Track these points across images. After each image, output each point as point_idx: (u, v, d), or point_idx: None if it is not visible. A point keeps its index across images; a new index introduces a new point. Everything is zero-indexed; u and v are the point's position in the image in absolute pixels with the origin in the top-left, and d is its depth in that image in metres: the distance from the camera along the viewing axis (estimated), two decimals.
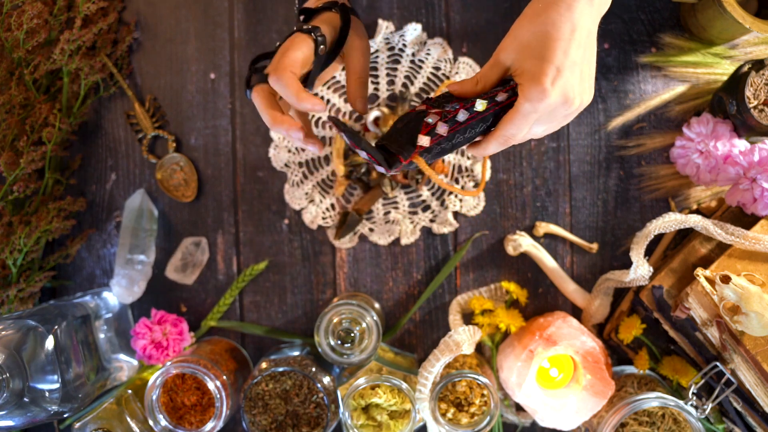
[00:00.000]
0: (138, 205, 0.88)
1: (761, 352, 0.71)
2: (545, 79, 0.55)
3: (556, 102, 0.56)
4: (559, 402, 0.80)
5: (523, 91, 0.57)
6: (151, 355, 0.84)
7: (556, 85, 0.56)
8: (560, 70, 0.56)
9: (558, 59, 0.56)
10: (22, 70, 0.84)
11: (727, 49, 0.84)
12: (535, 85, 0.56)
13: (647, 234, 0.79)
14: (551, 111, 0.58)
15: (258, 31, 0.89)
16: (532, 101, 0.56)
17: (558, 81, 0.56)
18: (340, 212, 0.89)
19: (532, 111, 0.57)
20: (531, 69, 0.56)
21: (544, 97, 0.56)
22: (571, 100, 0.57)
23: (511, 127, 0.59)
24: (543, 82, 0.55)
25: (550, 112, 0.58)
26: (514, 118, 0.58)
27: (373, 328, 0.79)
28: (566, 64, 0.56)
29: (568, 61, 0.56)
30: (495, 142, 0.61)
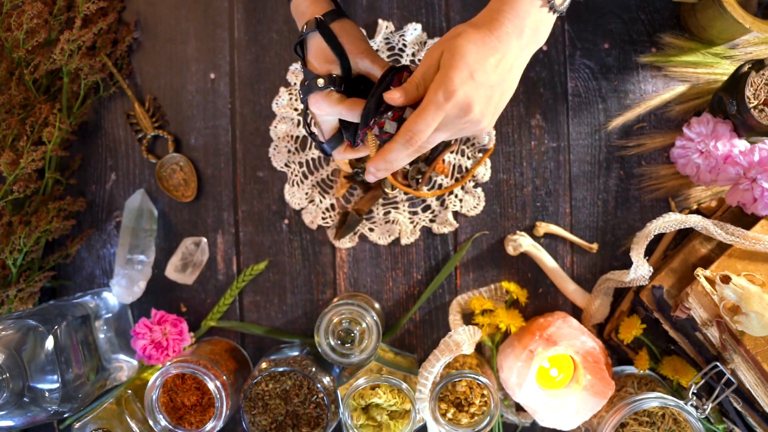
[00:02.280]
0: (138, 205, 0.88)
1: (761, 352, 0.71)
2: (456, 76, 0.57)
3: (460, 102, 0.58)
4: (559, 402, 0.80)
5: (434, 84, 0.58)
6: (151, 355, 0.84)
7: (464, 87, 0.57)
8: (472, 77, 0.57)
9: (473, 66, 0.57)
10: (22, 70, 0.84)
11: (727, 49, 0.84)
12: (445, 79, 0.57)
13: (647, 234, 0.79)
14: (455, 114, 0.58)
15: (258, 31, 0.89)
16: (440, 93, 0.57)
17: (466, 84, 0.57)
18: (340, 212, 0.89)
19: (438, 105, 0.58)
20: (447, 66, 0.58)
21: (451, 92, 0.57)
22: (472, 109, 0.58)
23: (419, 121, 0.59)
24: (453, 78, 0.57)
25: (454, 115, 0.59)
26: (423, 110, 0.59)
27: (373, 328, 0.79)
28: (479, 76, 0.58)
29: (482, 74, 0.58)
30: (400, 140, 0.61)
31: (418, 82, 0.61)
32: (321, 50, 0.69)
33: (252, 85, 0.89)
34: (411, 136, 0.60)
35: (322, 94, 0.67)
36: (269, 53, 0.89)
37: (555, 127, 0.87)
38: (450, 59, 0.58)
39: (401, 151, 0.61)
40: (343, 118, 0.68)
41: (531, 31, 0.59)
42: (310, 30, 0.68)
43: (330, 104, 0.67)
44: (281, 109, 0.89)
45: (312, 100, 0.68)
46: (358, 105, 0.66)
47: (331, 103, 0.67)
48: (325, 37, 0.68)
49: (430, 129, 0.59)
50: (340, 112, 0.67)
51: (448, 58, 0.58)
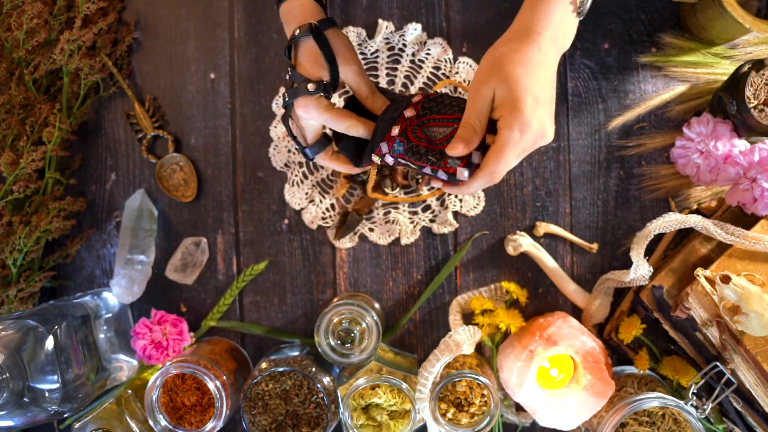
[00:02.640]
0: (138, 205, 0.88)
1: (761, 352, 0.71)
2: (525, 107, 0.57)
3: (536, 130, 0.58)
4: (559, 402, 0.80)
5: (506, 122, 0.58)
6: (151, 355, 0.84)
7: (535, 114, 0.58)
8: (537, 101, 0.58)
9: (534, 90, 0.58)
10: (22, 70, 0.84)
11: (727, 49, 0.84)
12: (517, 114, 0.57)
13: (647, 234, 0.79)
14: (533, 141, 0.59)
15: (258, 31, 0.89)
16: (516, 130, 0.58)
17: (536, 111, 0.58)
18: (340, 212, 0.89)
19: (518, 140, 0.58)
20: (510, 100, 0.58)
21: (527, 125, 0.57)
22: (546, 130, 0.59)
23: (500, 161, 0.59)
24: (524, 111, 0.57)
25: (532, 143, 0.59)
26: (502, 151, 0.59)
27: (373, 328, 0.79)
28: (542, 97, 0.58)
29: (543, 94, 0.58)
30: (482, 180, 0.61)
31: (474, 125, 0.60)
32: (313, 55, 0.69)
33: (252, 85, 0.89)
34: (493, 176, 0.60)
35: (312, 99, 0.67)
36: (269, 53, 0.89)
37: (555, 127, 0.87)
38: (509, 91, 0.58)
39: (481, 187, 0.62)
40: (330, 126, 0.69)
41: (564, 36, 0.60)
42: (304, 34, 0.68)
43: (318, 110, 0.67)
44: (281, 109, 0.89)
45: (301, 103, 0.67)
46: (346, 116, 0.67)
47: (319, 109, 0.67)
48: (319, 42, 0.68)
49: (510, 166, 0.60)
50: (326, 120, 0.68)
51: (506, 90, 0.58)
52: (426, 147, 0.63)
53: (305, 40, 0.69)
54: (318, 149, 0.72)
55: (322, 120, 0.68)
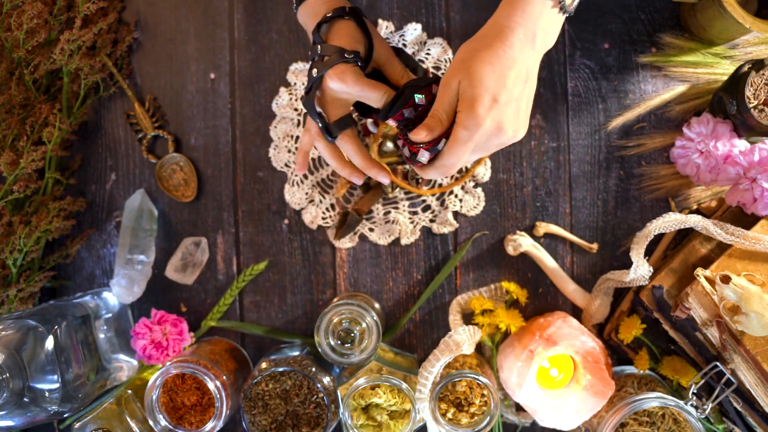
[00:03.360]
0: (138, 205, 0.88)
1: (761, 352, 0.71)
2: (480, 107, 0.57)
3: (490, 130, 0.58)
4: (559, 402, 0.80)
5: (460, 119, 0.58)
6: (151, 355, 0.84)
7: (490, 114, 0.57)
8: (496, 100, 0.57)
9: (494, 89, 0.57)
10: (22, 70, 0.84)
11: (727, 49, 0.84)
12: (470, 113, 0.57)
13: (647, 234, 0.79)
14: (486, 139, 0.59)
15: (258, 31, 0.89)
16: (468, 128, 0.58)
17: (492, 110, 0.57)
18: (340, 212, 0.89)
19: (468, 138, 0.58)
20: (468, 97, 0.58)
21: (479, 124, 0.57)
22: (504, 130, 0.59)
23: (451, 156, 0.60)
24: (477, 110, 0.57)
25: (485, 141, 0.59)
26: (453, 146, 0.60)
27: (373, 328, 0.79)
28: (502, 96, 0.57)
29: (505, 94, 0.58)
30: (435, 170, 0.63)
31: (440, 116, 0.60)
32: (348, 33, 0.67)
33: (252, 85, 0.89)
34: (445, 169, 0.62)
35: (350, 66, 0.64)
36: (269, 53, 0.89)
37: (555, 127, 0.87)
38: (469, 88, 0.58)
39: (437, 176, 0.64)
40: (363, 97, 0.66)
41: (543, 33, 0.59)
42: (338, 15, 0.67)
43: (356, 78, 0.64)
44: (281, 109, 0.89)
45: (339, 69, 0.64)
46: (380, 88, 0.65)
47: (356, 76, 0.64)
48: (358, 21, 0.67)
49: (462, 161, 0.60)
50: (363, 88, 0.64)
51: (467, 87, 0.58)
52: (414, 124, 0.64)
53: (339, 20, 0.67)
54: (342, 125, 0.68)
55: (358, 89, 0.65)
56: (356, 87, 0.64)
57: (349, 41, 0.66)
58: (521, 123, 0.60)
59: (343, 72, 0.64)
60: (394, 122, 0.65)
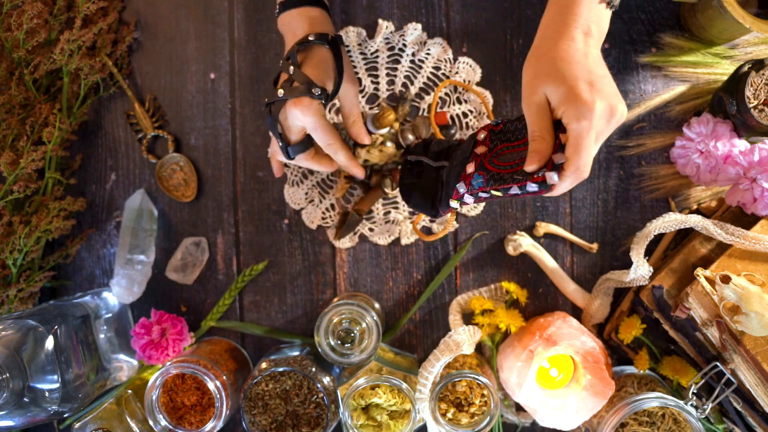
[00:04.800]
0: (138, 205, 0.88)
1: (761, 352, 0.71)
2: (582, 93, 0.56)
3: (603, 111, 0.56)
4: (559, 402, 0.80)
5: (569, 116, 0.57)
6: (151, 355, 0.84)
7: (595, 95, 0.56)
8: (592, 84, 0.57)
9: (583, 76, 0.57)
10: (22, 70, 0.84)
11: (727, 49, 0.84)
12: (576, 103, 0.56)
13: (647, 234, 0.79)
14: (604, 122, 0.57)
15: (258, 31, 0.89)
16: (584, 118, 0.56)
17: (595, 92, 0.56)
18: (340, 212, 0.89)
19: (589, 128, 0.56)
20: (563, 94, 0.57)
21: (591, 109, 0.56)
22: (615, 108, 0.57)
23: (581, 153, 0.57)
24: (582, 96, 0.56)
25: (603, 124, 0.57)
26: (578, 143, 0.57)
27: (373, 328, 0.79)
28: (594, 78, 0.57)
29: (596, 75, 0.57)
30: (570, 178, 0.60)
31: (541, 134, 0.59)
32: (323, 63, 0.69)
33: (252, 85, 0.89)
34: (579, 171, 0.59)
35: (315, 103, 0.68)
36: (269, 53, 0.89)
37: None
38: (557, 88, 0.57)
39: (571, 185, 0.61)
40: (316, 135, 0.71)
41: (596, 26, 0.60)
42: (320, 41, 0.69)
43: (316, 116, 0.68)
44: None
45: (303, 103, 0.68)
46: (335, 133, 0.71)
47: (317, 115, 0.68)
48: (335, 53, 0.68)
49: (593, 153, 0.59)
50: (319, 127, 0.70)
51: (556, 87, 0.57)
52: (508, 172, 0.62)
53: (319, 46, 0.69)
54: (300, 149, 0.73)
55: (315, 126, 0.69)
56: (313, 124, 0.68)
57: (320, 74, 0.69)
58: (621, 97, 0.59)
59: (307, 107, 0.68)
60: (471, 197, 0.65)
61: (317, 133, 0.69)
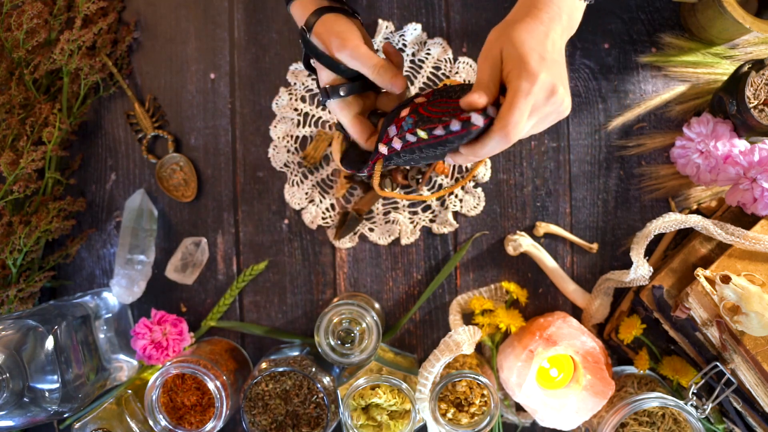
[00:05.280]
0: (138, 205, 0.88)
1: (761, 352, 0.71)
2: (531, 61, 0.57)
3: (546, 85, 0.57)
4: (559, 402, 0.80)
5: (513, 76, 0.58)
6: (151, 355, 0.84)
7: (543, 68, 0.57)
8: (543, 58, 0.58)
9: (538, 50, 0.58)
10: (22, 70, 0.84)
11: (727, 49, 0.84)
12: (523, 67, 0.57)
13: (647, 234, 0.79)
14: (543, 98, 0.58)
15: (258, 31, 0.89)
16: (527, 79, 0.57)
17: (543, 65, 0.57)
18: (340, 212, 0.89)
19: (527, 92, 0.57)
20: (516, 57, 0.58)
21: (535, 76, 0.57)
22: (557, 88, 0.58)
23: (513, 111, 0.57)
24: (530, 63, 0.57)
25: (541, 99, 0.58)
26: (513, 100, 0.57)
27: (373, 328, 0.79)
28: (547, 56, 0.58)
29: (548, 54, 0.58)
30: (496, 136, 0.59)
31: (487, 83, 0.60)
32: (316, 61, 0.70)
33: (252, 85, 0.89)
34: (509, 130, 0.58)
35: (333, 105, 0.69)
36: (269, 53, 0.89)
37: (555, 127, 0.87)
38: (513, 50, 0.58)
39: (496, 147, 0.60)
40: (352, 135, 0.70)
41: (567, 17, 0.61)
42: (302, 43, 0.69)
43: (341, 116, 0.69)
44: (281, 109, 0.89)
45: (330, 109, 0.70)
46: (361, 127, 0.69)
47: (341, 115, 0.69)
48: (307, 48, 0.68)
49: (525, 119, 0.58)
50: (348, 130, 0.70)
51: (512, 49, 0.58)
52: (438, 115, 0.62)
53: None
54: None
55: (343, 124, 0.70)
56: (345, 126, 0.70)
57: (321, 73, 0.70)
58: (568, 90, 0.60)
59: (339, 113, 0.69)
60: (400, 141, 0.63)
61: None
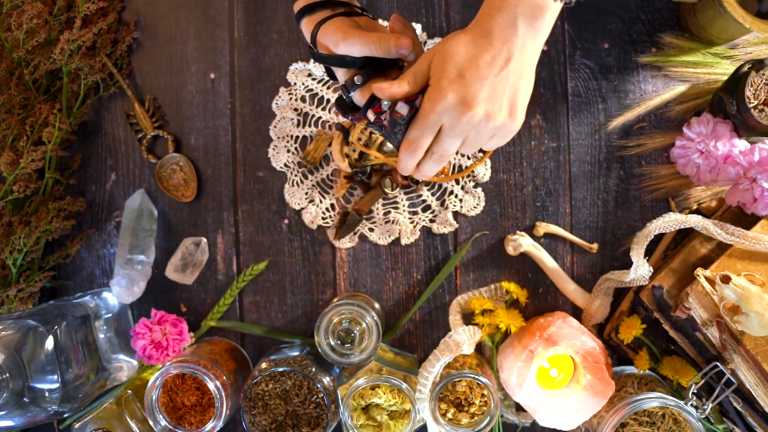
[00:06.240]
0: (138, 205, 0.88)
1: (761, 352, 0.71)
2: (443, 79, 0.55)
3: (452, 104, 0.55)
4: (559, 402, 0.80)
5: (427, 89, 0.56)
6: (151, 355, 0.84)
7: (453, 87, 0.54)
8: (462, 76, 0.55)
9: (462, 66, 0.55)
10: (22, 70, 0.84)
11: (727, 49, 0.84)
12: (435, 85, 0.55)
13: (647, 234, 0.79)
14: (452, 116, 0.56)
15: (258, 31, 0.89)
16: (430, 99, 0.55)
17: (456, 84, 0.55)
18: (340, 212, 0.89)
19: (430, 110, 0.56)
20: (437, 70, 0.56)
21: (440, 97, 0.55)
22: (470, 106, 0.55)
23: (413, 129, 0.57)
24: (441, 82, 0.55)
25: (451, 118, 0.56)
26: (417, 119, 0.57)
27: (373, 328, 0.79)
28: (470, 73, 0.55)
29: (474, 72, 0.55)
30: (403, 153, 0.59)
31: (408, 78, 0.58)
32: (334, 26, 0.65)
33: (252, 85, 0.89)
34: (408, 145, 0.58)
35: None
36: (269, 53, 0.89)
37: (555, 127, 0.87)
38: (438, 63, 0.56)
39: (408, 161, 0.60)
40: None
41: (526, 19, 0.55)
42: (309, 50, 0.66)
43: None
44: (281, 109, 0.89)
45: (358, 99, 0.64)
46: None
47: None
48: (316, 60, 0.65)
49: (426, 137, 0.58)
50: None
51: (437, 62, 0.56)
52: None
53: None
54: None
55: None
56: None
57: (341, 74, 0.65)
58: (502, 108, 0.56)
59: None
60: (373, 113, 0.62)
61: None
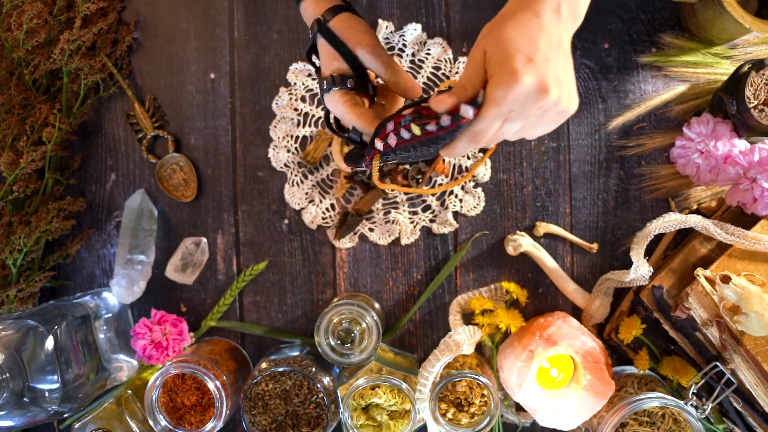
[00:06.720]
0: (138, 205, 0.88)
1: (761, 352, 0.71)
2: (515, 62, 0.52)
3: (530, 88, 0.51)
4: (559, 402, 0.80)
5: (492, 78, 0.53)
6: (151, 355, 0.84)
7: (529, 69, 0.51)
8: (531, 59, 0.52)
9: (526, 50, 0.52)
10: (22, 70, 0.84)
11: (727, 49, 0.84)
12: (504, 70, 0.52)
13: (647, 234, 0.79)
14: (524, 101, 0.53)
15: (258, 31, 0.89)
16: (503, 86, 0.52)
17: (530, 67, 0.52)
18: (340, 212, 0.89)
19: (503, 99, 0.52)
20: (498, 59, 0.53)
21: (516, 80, 0.51)
22: (547, 87, 0.52)
23: (481, 120, 0.54)
24: (512, 65, 0.52)
25: (523, 103, 0.53)
26: (485, 108, 0.54)
27: (373, 328, 0.79)
28: (537, 56, 0.52)
29: (539, 55, 0.52)
30: (463, 140, 0.57)
31: (465, 84, 0.56)
32: (326, 49, 0.67)
33: (252, 85, 0.89)
34: (473, 137, 0.56)
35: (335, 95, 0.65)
36: (269, 53, 0.89)
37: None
38: (497, 51, 0.53)
39: (465, 149, 0.58)
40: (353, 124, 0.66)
41: (568, 5, 0.55)
42: (313, 32, 0.68)
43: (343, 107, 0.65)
44: (281, 109, 0.89)
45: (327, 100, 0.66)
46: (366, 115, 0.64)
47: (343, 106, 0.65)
48: (325, 35, 0.67)
49: (493, 127, 0.55)
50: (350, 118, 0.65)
51: (494, 51, 0.53)
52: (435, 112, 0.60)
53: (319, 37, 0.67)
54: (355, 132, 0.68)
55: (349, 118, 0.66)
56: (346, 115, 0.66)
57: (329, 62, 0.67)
58: (569, 88, 0.54)
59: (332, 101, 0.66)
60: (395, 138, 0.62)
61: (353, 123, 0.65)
